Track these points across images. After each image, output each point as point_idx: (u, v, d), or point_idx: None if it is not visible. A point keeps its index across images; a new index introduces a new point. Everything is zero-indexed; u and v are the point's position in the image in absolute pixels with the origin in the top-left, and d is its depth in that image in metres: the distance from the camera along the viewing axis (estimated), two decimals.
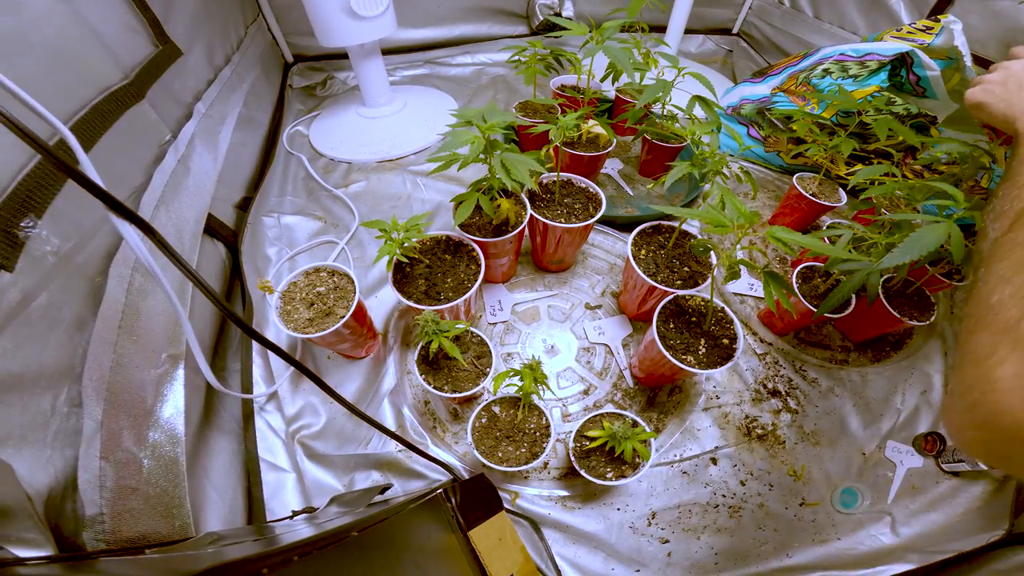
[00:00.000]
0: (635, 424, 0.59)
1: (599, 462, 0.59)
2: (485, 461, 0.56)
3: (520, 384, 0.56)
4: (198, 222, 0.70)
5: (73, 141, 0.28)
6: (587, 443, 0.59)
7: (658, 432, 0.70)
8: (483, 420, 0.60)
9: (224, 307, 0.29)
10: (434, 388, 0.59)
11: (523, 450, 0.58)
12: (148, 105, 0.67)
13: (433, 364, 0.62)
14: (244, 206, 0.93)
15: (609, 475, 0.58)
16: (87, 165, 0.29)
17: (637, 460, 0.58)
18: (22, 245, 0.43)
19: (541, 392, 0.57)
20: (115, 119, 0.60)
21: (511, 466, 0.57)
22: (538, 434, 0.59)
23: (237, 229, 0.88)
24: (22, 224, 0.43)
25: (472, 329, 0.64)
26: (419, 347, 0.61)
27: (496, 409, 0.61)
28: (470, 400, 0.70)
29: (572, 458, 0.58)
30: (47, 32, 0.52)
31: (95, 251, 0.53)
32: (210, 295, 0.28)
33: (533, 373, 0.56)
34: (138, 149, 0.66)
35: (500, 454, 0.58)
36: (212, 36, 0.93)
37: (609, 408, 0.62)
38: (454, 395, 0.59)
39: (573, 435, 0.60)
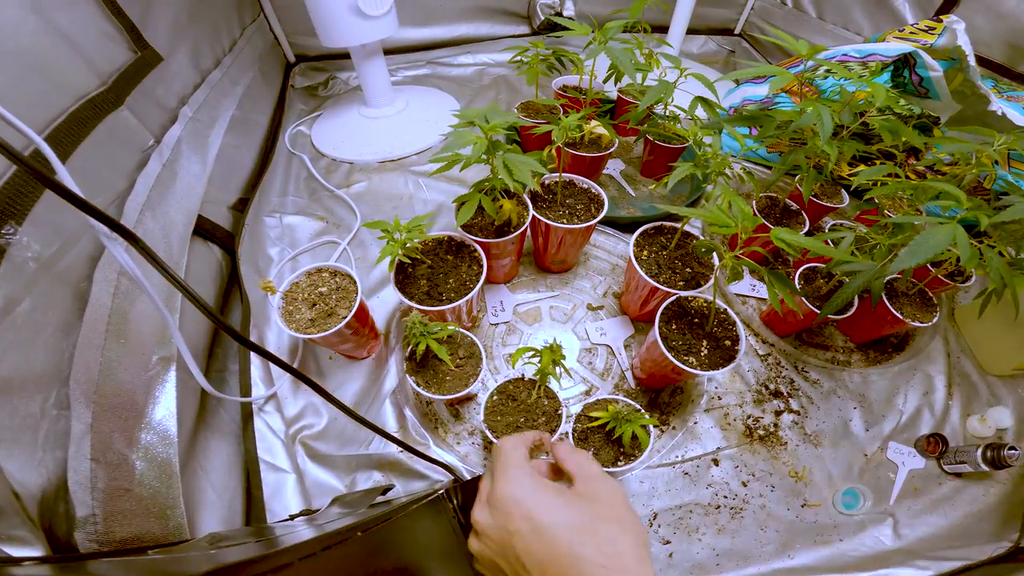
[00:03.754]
0: (637, 410, 0.58)
1: (598, 447, 0.58)
2: (493, 439, 0.56)
3: (538, 364, 0.56)
4: (186, 225, 0.69)
5: (48, 151, 0.28)
6: (588, 423, 0.59)
7: (660, 433, 0.70)
8: (495, 399, 0.60)
9: (214, 316, 0.28)
10: (424, 390, 0.59)
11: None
12: (128, 111, 0.67)
13: (422, 365, 0.62)
14: (240, 208, 0.92)
15: (604, 460, 0.57)
16: (63, 174, 0.29)
17: (635, 451, 0.57)
18: (2, 252, 0.43)
19: (559, 373, 0.57)
20: (93, 126, 0.59)
21: None
22: (553, 422, 0.59)
23: (234, 231, 0.87)
24: (2, 231, 0.43)
25: (460, 330, 0.64)
26: (408, 349, 0.61)
27: (511, 389, 0.61)
28: (470, 400, 0.70)
29: (571, 439, 0.58)
30: (20, 42, 0.52)
31: (79, 256, 0.53)
32: (198, 303, 0.28)
33: (553, 354, 0.56)
34: (119, 155, 0.65)
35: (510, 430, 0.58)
36: (199, 40, 0.92)
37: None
38: (444, 396, 0.59)
39: (575, 417, 0.60)
